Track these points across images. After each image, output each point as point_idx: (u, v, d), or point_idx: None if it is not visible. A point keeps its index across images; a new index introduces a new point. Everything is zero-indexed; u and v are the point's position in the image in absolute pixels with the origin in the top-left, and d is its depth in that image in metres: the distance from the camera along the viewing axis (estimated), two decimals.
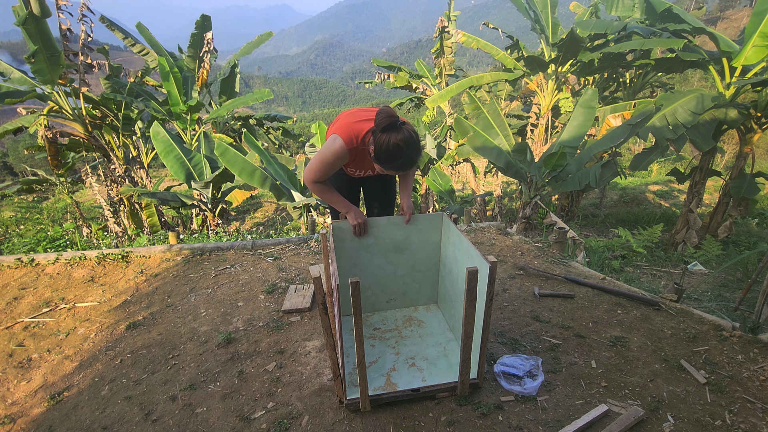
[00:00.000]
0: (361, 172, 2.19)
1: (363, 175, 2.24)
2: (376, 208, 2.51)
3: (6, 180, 23.25)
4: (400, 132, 1.76)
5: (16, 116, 7.88)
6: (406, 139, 1.77)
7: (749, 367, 1.99)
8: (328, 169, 2.02)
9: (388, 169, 1.87)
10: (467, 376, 1.82)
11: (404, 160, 1.82)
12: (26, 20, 5.87)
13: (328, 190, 2.12)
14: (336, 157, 1.97)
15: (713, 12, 59.27)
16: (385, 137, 1.77)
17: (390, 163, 1.83)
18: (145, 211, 8.28)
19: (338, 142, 1.93)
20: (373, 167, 2.11)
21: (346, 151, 1.95)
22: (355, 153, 2.01)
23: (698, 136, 6.58)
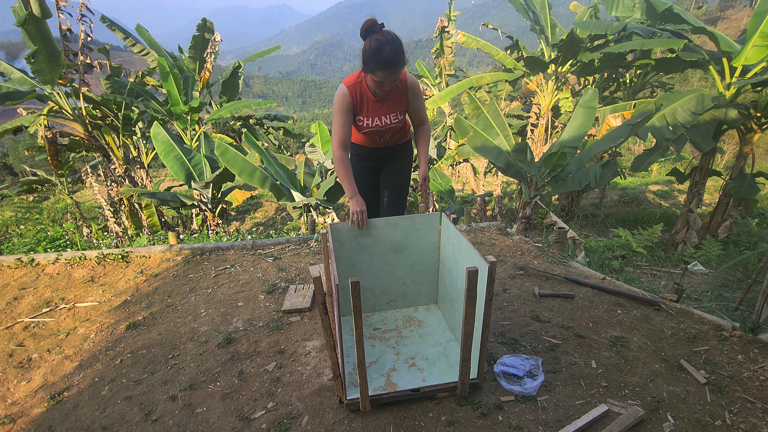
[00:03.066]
0: (372, 120, 2.19)
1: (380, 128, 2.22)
2: (386, 196, 2.51)
3: (6, 180, 23.25)
4: (379, 32, 1.90)
5: (16, 116, 7.87)
6: (385, 35, 1.89)
7: (749, 367, 1.99)
8: (341, 119, 2.11)
9: (377, 75, 1.93)
10: (467, 376, 1.82)
11: (387, 56, 1.88)
12: (26, 20, 5.87)
13: (344, 166, 2.13)
14: (340, 100, 2.08)
15: (713, 12, 59.26)
16: (367, 40, 1.92)
17: (375, 62, 1.90)
18: (145, 211, 8.28)
19: (339, 87, 2.09)
20: (384, 112, 2.16)
21: (346, 91, 2.07)
22: (357, 91, 2.10)
23: (698, 136, 6.58)
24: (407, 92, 2.20)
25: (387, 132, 2.29)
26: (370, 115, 2.18)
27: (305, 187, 7.24)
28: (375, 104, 2.15)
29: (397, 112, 2.22)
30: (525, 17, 9.21)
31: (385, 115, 2.19)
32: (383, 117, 2.19)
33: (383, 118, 2.19)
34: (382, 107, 2.17)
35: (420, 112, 2.30)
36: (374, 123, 2.21)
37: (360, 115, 2.19)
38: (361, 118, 2.20)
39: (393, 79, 1.98)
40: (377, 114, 2.18)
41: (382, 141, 2.37)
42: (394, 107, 2.19)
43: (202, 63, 10.13)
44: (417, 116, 2.31)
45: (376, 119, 2.20)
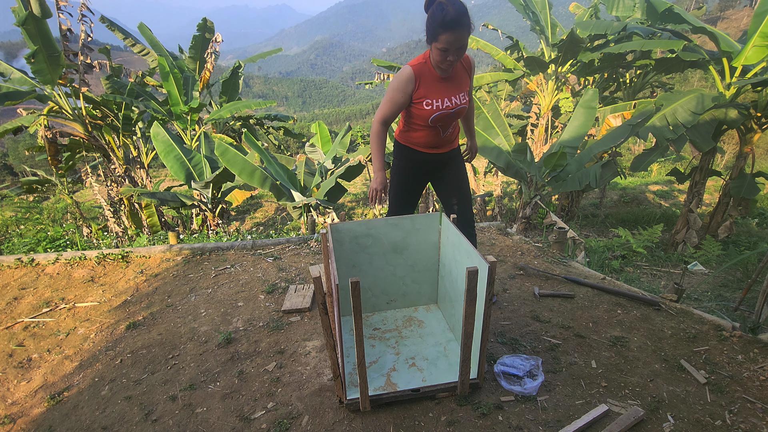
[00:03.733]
0: (442, 102, 2.03)
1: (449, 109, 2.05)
2: (455, 204, 2.37)
3: (6, 180, 23.25)
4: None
5: (16, 116, 7.88)
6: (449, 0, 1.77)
7: (749, 367, 1.99)
8: (393, 96, 2.01)
9: (441, 40, 1.80)
10: (467, 376, 1.82)
11: (450, 15, 1.74)
12: (26, 20, 5.87)
13: (379, 140, 2.09)
14: (399, 78, 1.97)
15: (713, 12, 59.26)
16: (430, 9, 1.83)
17: (438, 24, 1.77)
18: (145, 211, 8.28)
19: (403, 67, 1.98)
20: (452, 91, 2.04)
21: (410, 70, 1.96)
22: (422, 71, 1.98)
23: (698, 136, 6.58)
24: (470, 69, 2.11)
25: (455, 116, 2.11)
26: (438, 96, 2.02)
27: (305, 187, 7.24)
28: (441, 83, 2.01)
29: (464, 92, 2.09)
30: (525, 17, 9.21)
31: (454, 95, 2.04)
32: (452, 97, 2.04)
33: (452, 98, 2.04)
34: (449, 86, 2.03)
35: (471, 94, 2.26)
36: (444, 104, 2.04)
37: (427, 98, 2.02)
38: (429, 101, 2.02)
39: (458, 45, 1.81)
40: (445, 94, 2.02)
41: (446, 135, 2.19)
42: (459, 86, 2.06)
43: (202, 63, 10.12)
44: (470, 98, 2.28)
45: (446, 100, 2.03)
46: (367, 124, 45.02)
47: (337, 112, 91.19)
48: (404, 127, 2.23)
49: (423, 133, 2.16)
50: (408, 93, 2.01)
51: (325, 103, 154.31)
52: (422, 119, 2.08)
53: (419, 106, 2.04)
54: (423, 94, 2.01)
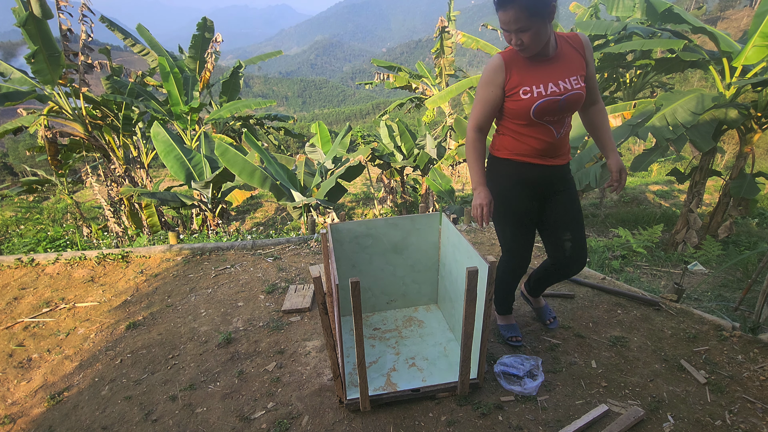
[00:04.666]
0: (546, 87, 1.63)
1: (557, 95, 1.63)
2: (568, 240, 1.92)
3: (6, 180, 23.26)
4: None
5: (16, 116, 7.88)
6: None
7: (749, 367, 1.99)
8: (483, 93, 1.69)
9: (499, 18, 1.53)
10: (467, 376, 1.82)
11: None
12: (27, 21, 5.87)
13: (475, 150, 1.76)
14: (487, 69, 1.67)
15: (713, 12, 59.29)
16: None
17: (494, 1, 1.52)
18: (145, 211, 8.28)
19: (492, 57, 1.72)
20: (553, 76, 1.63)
21: (498, 58, 1.66)
22: (513, 57, 1.65)
23: (698, 136, 6.58)
24: (583, 50, 1.68)
25: (567, 106, 1.65)
26: (538, 80, 1.63)
27: (305, 187, 7.24)
28: (540, 66, 1.63)
29: (577, 76, 1.66)
30: None
31: (561, 78, 1.63)
32: (559, 81, 1.62)
33: (559, 83, 1.62)
34: (553, 69, 1.64)
35: (594, 83, 1.75)
36: (548, 89, 1.62)
37: (523, 85, 1.63)
38: (527, 88, 1.63)
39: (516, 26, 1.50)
40: (548, 78, 1.62)
41: (561, 136, 1.75)
42: (567, 68, 1.65)
43: (202, 63, 10.13)
44: (591, 88, 1.75)
45: (550, 85, 1.62)
46: (368, 124, 44.84)
47: (337, 112, 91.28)
48: (504, 133, 1.82)
49: (530, 136, 1.73)
50: (499, 84, 1.67)
51: (325, 103, 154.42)
52: (523, 115, 1.67)
53: (515, 98, 1.66)
54: (517, 81, 1.64)
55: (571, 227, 1.90)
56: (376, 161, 10.59)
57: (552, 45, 1.62)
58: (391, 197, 11.75)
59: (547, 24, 1.51)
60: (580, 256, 1.94)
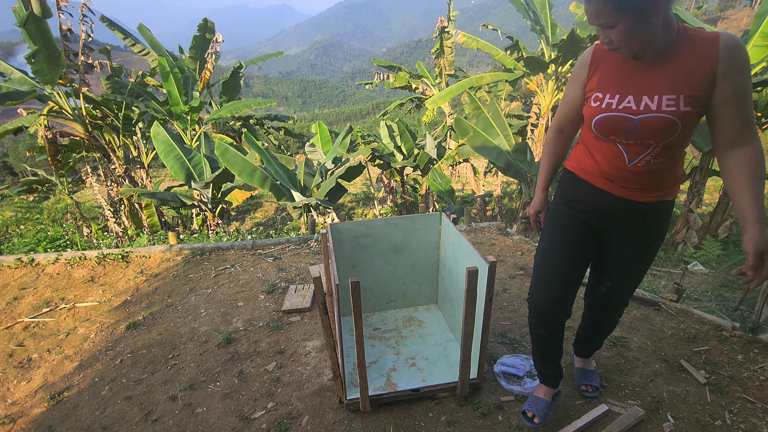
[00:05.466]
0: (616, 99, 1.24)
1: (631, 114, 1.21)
2: (608, 287, 1.55)
3: (6, 180, 23.27)
4: None
5: (16, 116, 7.88)
6: None
7: (749, 367, 1.99)
8: (567, 88, 1.41)
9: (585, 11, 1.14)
10: (467, 376, 1.82)
11: None
12: (27, 20, 5.88)
13: (546, 149, 1.54)
14: (577, 63, 1.37)
15: (713, 12, 59.31)
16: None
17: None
18: (145, 211, 8.29)
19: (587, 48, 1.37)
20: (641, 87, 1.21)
21: (589, 51, 1.33)
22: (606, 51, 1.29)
23: (698, 136, 6.58)
24: (716, 61, 1.13)
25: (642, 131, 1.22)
26: (615, 88, 1.24)
27: (305, 187, 7.24)
28: (632, 71, 1.23)
29: (681, 95, 1.16)
30: (525, 17, 9.21)
31: (651, 94, 1.19)
32: (645, 96, 1.19)
33: (645, 99, 1.19)
34: (651, 78, 1.20)
35: (732, 113, 1.15)
36: (620, 104, 1.23)
37: (598, 90, 1.28)
38: (600, 95, 1.27)
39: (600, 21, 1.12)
40: (635, 88, 1.21)
41: (635, 164, 1.29)
42: (673, 82, 1.17)
43: (202, 63, 10.13)
44: (724, 120, 1.17)
45: (628, 98, 1.21)
46: (368, 124, 44.73)
47: (337, 112, 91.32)
48: (579, 141, 1.48)
49: (598, 152, 1.36)
50: (580, 83, 1.35)
51: (325, 103, 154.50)
52: (588, 124, 1.34)
53: (588, 103, 1.33)
54: (596, 83, 1.30)
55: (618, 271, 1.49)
56: (376, 161, 10.60)
57: (661, 45, 1.16)
58: (391, 197, 11.75)
59: (648, 18, 1.08)
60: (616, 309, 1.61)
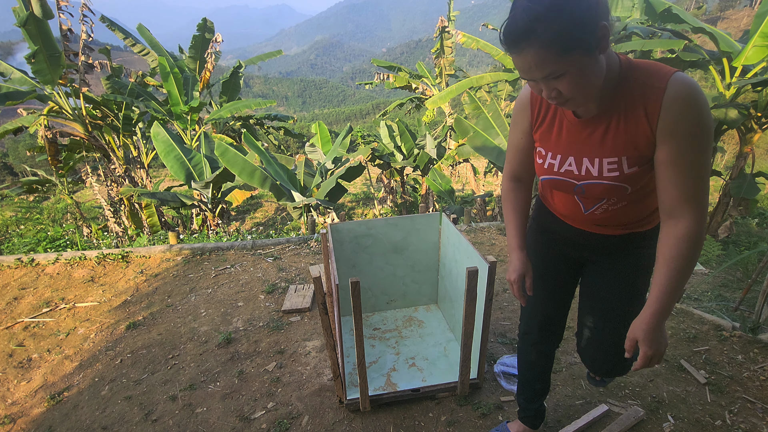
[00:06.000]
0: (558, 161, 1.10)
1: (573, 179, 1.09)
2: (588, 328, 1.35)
3: (6, 180, 23.27)
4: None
5: (16, 116, 7.88)
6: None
7: (749, 367, 1.99)
8: (510, 135, 1.25)
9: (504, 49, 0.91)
10: (467, 376, 1.82)
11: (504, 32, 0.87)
12: (27, 21, 5.88)
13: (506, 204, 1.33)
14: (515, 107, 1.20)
15: (713, 12, 59.32)
16: None
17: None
18: (145, 211, 8.29)
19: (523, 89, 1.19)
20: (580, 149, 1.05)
21: (525, 92, 1.16)
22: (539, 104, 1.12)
23: None
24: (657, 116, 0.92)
25: (587, 194, 1.10)
26: (558, 149, 1.10)
27: (305, 187, 7.24)
28: (573, 128, 1.06)
29: (621, 157, 1.00)
30: None
31: (591, 156, 1.04)
32: (585, 159, 1.05)
33: (585, 162, 1.05)
34: (587, 137, 1.04)
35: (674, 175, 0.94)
36: (562, 167, 1.09)
37: (541, 144, 1.14)
38: (543, 152, 1.14)
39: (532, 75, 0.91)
40: (573, 148, 1.06)
41: (591, 213, 1.17)
42: (612, 143, 1.00)
43: (202, 63, 10.13)
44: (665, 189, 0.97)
45: (569, 159, 1.08)
46: (368, 124, 44.71)
47: (337, 112, 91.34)
48: None
49: (549, 194, 1.27)
50: (525, 130, 1.18)
51: (325, 103, 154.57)
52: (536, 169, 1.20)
53: (535, 155, 1.19)
54: (539, 135, 1.15)
55: (597, 314, 1.31)
56: (376, 161, 10.59)
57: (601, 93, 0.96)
58: (391, 197, 11.75)
59: (598, 56, 0.88)
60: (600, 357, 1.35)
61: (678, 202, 0.95)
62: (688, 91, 0.89)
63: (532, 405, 1.56)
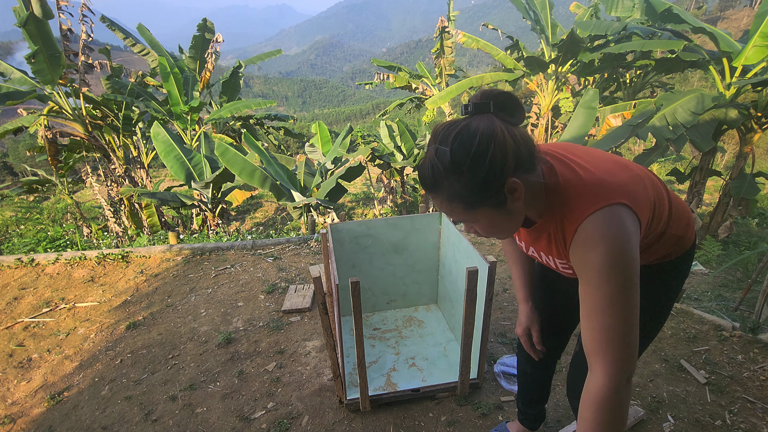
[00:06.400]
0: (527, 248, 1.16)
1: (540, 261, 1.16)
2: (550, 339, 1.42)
3: (6, 180, 23.28)
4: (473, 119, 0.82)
5: (16, 116, 7.88)
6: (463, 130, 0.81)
7: (749, 367, 1.99)
8: None
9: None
10: (467, 376, 1.82)
11: (423, 162, 0.87)
12: (27, 21, 5.88)
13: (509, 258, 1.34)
14: None
15: (713, 12, 59.31)
16: None
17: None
18: (145, 211, 8.28)
19: None
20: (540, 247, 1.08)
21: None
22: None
23: (698, 136, 6.58)
24: (569, 248, 0.94)
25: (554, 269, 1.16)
26: (522, 239, 1.17)
27: (305, 187, 7.24)
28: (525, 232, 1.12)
29: (568, 261, 1.02)
30: (525, 17, 9.21)
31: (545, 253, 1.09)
32: (542, 254, 1.11)
33: (542, 257, 1.13)
34: (537, 241, 1.09)
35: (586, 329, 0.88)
36: (528, 251, 1.19)
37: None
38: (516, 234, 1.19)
39: (449, 214, 0.92)
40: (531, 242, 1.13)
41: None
42: (557, 251, 1.03)
43: (202, 63, 10.14)
44: (583, 332, 0.90)
45: (532, 251, 1.16)
46: (368, 124, 44.84)
47: (337, 112, 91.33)
48: None
49: None
50: None
51: (325, 103, 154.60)
52: None
53: None
54: None
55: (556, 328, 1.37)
56: (376, 161, 10.59)
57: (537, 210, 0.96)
58: (391, 197, 11.75)
59: (509, 207, 0.87)
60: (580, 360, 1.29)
61: (589, 350, 0.87)
62: (602, 234, 0.82)
63: (531, 410, 1.56)
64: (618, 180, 0.87)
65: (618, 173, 0.89)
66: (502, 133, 0.80)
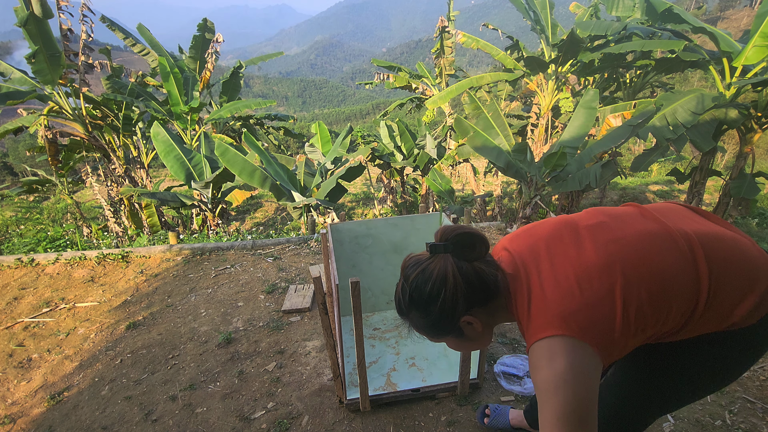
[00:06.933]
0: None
1: None
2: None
3: (6, 180, 23.28)
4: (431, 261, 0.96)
5: (16, 116, 7.89)
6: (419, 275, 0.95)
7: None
8: None
9: None
10: (467, 376, 1.82)
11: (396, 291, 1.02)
12: (27, 21, 5.88)
13: None
14: None
15: (713, 12, 59.31)
16: None
17: None
18: (145, 211, 8.29)
19: None
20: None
21: None
22: None
23: (698, 136, 6.58)
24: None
25: None
26: None
27: (305, 187, 7.24)
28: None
29: None
30: (525, 17, 9.21)
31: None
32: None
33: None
34: None
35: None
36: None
37: None
38: None
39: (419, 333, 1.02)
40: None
41: None
42: None
43: (202, 63, 10.13)
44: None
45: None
46: (368, 124, 44.88)
47: (337, 112, 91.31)
48: None
49: None
50: None
51: (325, 103, 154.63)
52: None
53: None
54: None
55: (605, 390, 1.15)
56: (376, 161, 10.59)
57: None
58: (391, 197, 11.75)
59: (471, 333, 0.97)
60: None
61: None
62: (544, 363, 0.82)
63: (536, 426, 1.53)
64: (568, 307, 0.82)
65: (573, 296, 0.83)
66: (454, 279, 0.88)
